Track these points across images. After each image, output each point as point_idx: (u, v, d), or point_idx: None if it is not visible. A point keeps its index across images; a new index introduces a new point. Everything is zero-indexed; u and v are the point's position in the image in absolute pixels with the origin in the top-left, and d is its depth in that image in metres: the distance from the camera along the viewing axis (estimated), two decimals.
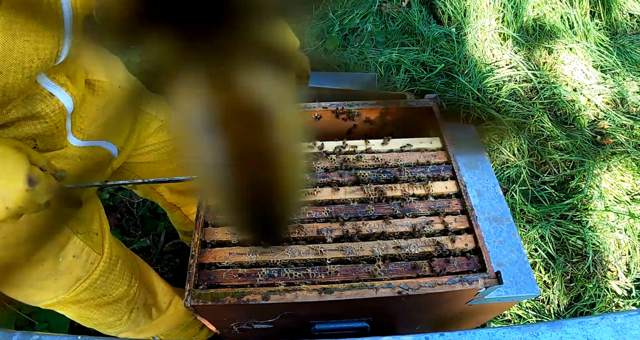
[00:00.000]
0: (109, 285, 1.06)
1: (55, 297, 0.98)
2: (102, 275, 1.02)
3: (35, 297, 0.97)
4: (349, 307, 0.92)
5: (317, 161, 1.07)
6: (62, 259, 0.93)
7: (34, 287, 0.93)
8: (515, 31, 2.91)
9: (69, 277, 0.96)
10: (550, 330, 0.77)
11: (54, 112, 0.73)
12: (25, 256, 0.87)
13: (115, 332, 1.23)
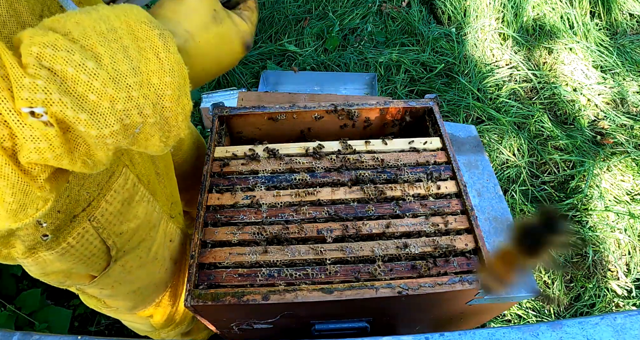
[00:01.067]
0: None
1: (165, 288, 1.01)
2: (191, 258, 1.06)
3: (154, 295, 1.00)
4: (349, 307, 0.92)
5: (317, 161, 1.07)
6: (165, 246, 0.95)
7: (151, 284, 0.95)
8: (515, 31, 2.91)
9: (172, 263, 0.99)
10: (550, 330, 0.77)
11: None
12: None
13: (176, 332, 1.25)
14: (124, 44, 0.39)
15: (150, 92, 0.41)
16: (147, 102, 0.40)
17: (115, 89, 0.38)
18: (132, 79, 0.39)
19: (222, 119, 1.16)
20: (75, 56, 0.36)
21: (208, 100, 2.31)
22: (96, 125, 0.37)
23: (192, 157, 1.23)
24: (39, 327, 1.54)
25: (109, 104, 0.38)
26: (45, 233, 0.59)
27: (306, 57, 2.68)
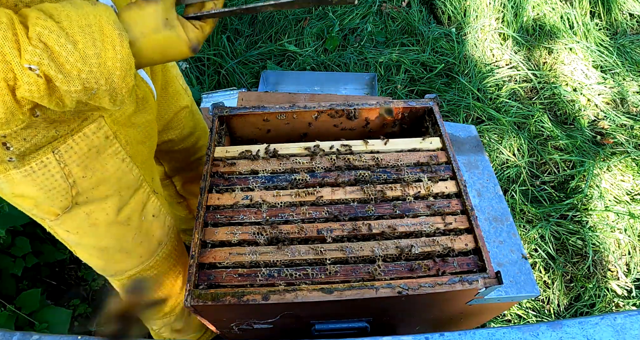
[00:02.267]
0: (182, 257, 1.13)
1: (140, 262, 1.05)
2: (179, 244, 1.10)
3: (122, 264, 1.03)
4: (349, 307, 0.92)
5: (317, 161, 1.07)
6: (144, 218, 0.99)
7: (122, 251, 0.99)
8: (515, 31, 2.92)
9: (151, 240, 1.03)
10: (550, 330, 0.77)
11: None
12: None
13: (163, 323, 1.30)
14: (94, 37, 0.59)
15: (105, 70, 0.61)
16: (102, 76, 0.61)
17: (82, 64, 0.58)
18: (95, 60, 0.59)
19: (222, 119, 1.16)
20: (61, 39, 0.56)
21: (208, 100, 2.31)
22: (67, 84, 0.58)
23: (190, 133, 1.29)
24: (39, 327, 1.54)
25: (77, 73, 0.58)
26: (11, 156, 0.73)
27: (306, 57, 2.68)
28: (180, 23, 0.70)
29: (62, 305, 1.75)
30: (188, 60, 2.64)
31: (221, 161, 1.08)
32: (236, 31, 2.81)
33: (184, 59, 0.72)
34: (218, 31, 2.73)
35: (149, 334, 1.62)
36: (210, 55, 2.62)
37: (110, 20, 0.61)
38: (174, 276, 1.15)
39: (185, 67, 2.60)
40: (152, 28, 0.67)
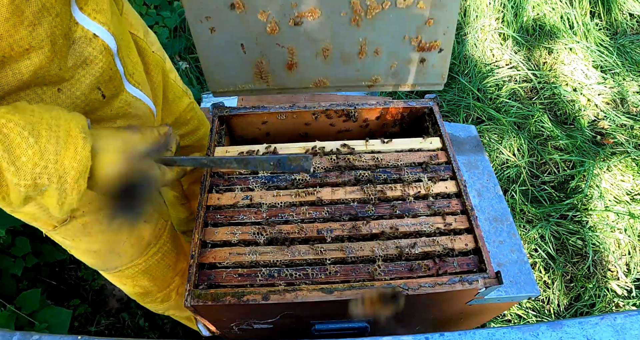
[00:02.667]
0: (171, 254, 1.16)
1: (131, 261, 1.06)
2: (167, 242, 1.12)
3: (114, 262, 1.06)
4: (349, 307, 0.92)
5: (317, 161, 1.07)
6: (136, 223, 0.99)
7: (113, 252, 1.01)
8: (515, 31, 2.92)
9: (141, 242, 1.05)
10: (550, 330, 0.77)
11: (101, 54, 0.74)
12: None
13: (165, 308, 1.33)
14: (59, 135, 0.59)
15: (61, 167, 0.60)
16: (56, 174, 0.59)
17: (39, 158, 0.57)
18: (53, 156, 0.58)
19: (222, 119, 1.16)
20: (25, 132, 0.56)
21: (208, 100, 2.31)
22: (17, 176, 0.56)
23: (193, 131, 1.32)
24: (39, 327, 1.54)
25: (32, 166, 0.57)
26: None
27: None
28: (147, 160, 0.72)
29: (62, 305, 1.75)
30: (188, 59, 2.64)
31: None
32: None
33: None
34: None
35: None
36: None
37: (79, 125, 0.62)
38: (162, 269, 1.18)
39: (185, 67, 2.60)
40: (119, 147, 0.68)
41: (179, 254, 1.20)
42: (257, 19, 0.91)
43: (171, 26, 2.68)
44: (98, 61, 0.74)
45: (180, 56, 2.66)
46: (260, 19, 0.91)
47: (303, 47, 0.95)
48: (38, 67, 0.64)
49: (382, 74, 0.97)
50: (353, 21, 0.90)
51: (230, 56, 1.00)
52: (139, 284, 1.15)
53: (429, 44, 0.93)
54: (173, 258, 1.17)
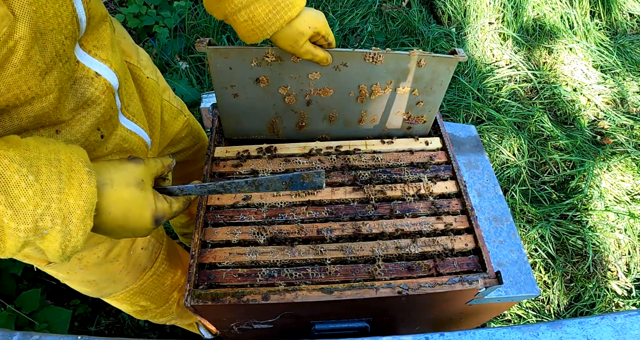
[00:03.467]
0: (169, 273, 1.14)
1: (125, 287, 1.04)
2: (162, 264, 1.09)
3: (109, 289, 1.03)
4: (349, 307, 0.92)
5: (318, 161, 1.07)
6: (132, 252, 0.98)
7: (109, 280, 0.99)
8: (515, 31, 2.92)
9: (137, 268, 1.02)
10: (550, 330, 0.77)
11: (104, 93, 0.69)
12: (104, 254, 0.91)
13: (167, 320, 1.31)
14: (61, 170, 0.53)
15: (65, 207, 0.53)
16: (60, 214, 0.53)
17: (41, 198, 0.51)
18: (56, 195, 0.52)
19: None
20: (23, 169, 0.49)
21: (208, 100, 2.31)
22: (16, 221, 0.49)
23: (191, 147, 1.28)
24: (39, 327, 1.54)
25: (33, 208, 0.50)
26: None
27: None
28: (153, 192, 0.67)
29: (62, 305, 1.75)
30: (188, 59, 2.64)
31: (221, 161, 1.08)
32: None
33: (143, 234, 0.69)
34: (218, 31, 2.73)
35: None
36: None
37: (82, 158, 0.57)
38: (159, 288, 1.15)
39: (185, 67, 2.60)
40: (123, 180, 0.62)
41: (177, 269, 1.18)
42: (277, 92, 1.04)
43: (171, 26, 2.68)
44: (100, 101, 0.69)
45: (180, 56, 2.66)
46: (280, 92, 1.04)
47: (313, 114, 1.11)
48: (40, 114, 0.59)
49: (374, 133, 1.18)
50: (358, 99, 1.07)
51: (248, 115, 1.11)
52: (135, 303, 1.13)
53: (416, 118, 1.14)
54: (169, 276, 1.15)
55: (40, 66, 0.55)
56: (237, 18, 0.81)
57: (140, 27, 2.66)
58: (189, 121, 1.21)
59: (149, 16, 2.65)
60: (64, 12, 0.57)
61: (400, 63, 0.98)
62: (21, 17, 0.50)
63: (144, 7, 2.67)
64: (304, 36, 0.85)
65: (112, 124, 0.76)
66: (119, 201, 0.62)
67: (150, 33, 2.73)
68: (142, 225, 0.66)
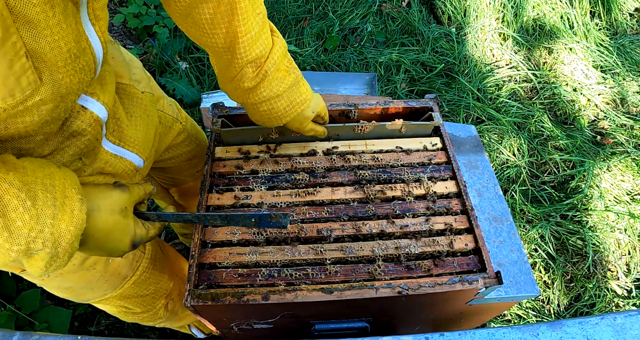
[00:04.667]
0: (151, 280, 1.12)
1: (103, 295, 1.03)
2: (144, 272, 1.08)
3: (86, 296, 1.02)
4: (349, 307, 0.92)
5: (317, 161, 1.07)
6: (111, 261, 0.97)
7: (86, 287, 0.98)
8: (515, 31, 2.92)
9: (117, 277, 1.01)
10: (550, 330, 0.77)
11: (90, 126, 0.71)
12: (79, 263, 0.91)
13: (156, 323, 1.30)
14: (55, 196, 0.57)
15: (57, 232, 0.57)
16: (51, 238, 0.56)
17: (36, 223, 0.54)
18: (50, 220, 0.56)
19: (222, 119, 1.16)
20: (22, 194, 0.53)
21: (208, 100, 2.32)
22: (10, 242, 0.52)
23: (187, 152, 1.25)
24: (39, 327, 1.54)
25: (27, 231, 0.53)
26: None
27: (306, 57, 2.68)
28: (134, 218, 0.73)
29: (62, 305, 1.75)
30: (188, 59, 2.64)
31: (221, 161, 1.08)
32: None
33: (118, 256, 0.74)
34: None
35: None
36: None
37: (74, 183, 0.61)
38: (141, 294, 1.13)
39: (185, 67, 2.60)
40: (109, 207, 0.67)
41: (162, 276, 1.16)
42: None
43: (171, 26, 2.68)
44: (86, 134, 0.71)
45: (180, 56, 2.66)
46: None
47: None
48: (25, 148, 0.61)
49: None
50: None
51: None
52: (119, 306, 1.11)
53: None
54: (152, 284, 1.13)
55: (47, 119, 0.58)
56: (259, 107, 0.91)
57: (140, 27, 2.66)
58: (185, 127, 1.19)
59: (149, 16, 2.65)
60: (86, 78, 0.62)
61: (385, 130, 1.13)
62: (47, 83, 0.54)
63: (144, 7, 2.67)
64: (308, 119, 0.98)
65: (94, 152, 0.78)
66: (103, 227, 0.66)
67: (150, 33, 2.73)
68: (120, 249, 0.71)
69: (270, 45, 0.86)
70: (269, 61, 0.85)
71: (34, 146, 0.63)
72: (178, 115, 1.17)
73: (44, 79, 0.53)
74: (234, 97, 0.93)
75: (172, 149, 1.19)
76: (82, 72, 0.60)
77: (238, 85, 0.88)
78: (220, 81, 0.93)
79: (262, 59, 0.85)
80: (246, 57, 0.82)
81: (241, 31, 0.79)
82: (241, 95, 0.91)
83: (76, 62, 0.58)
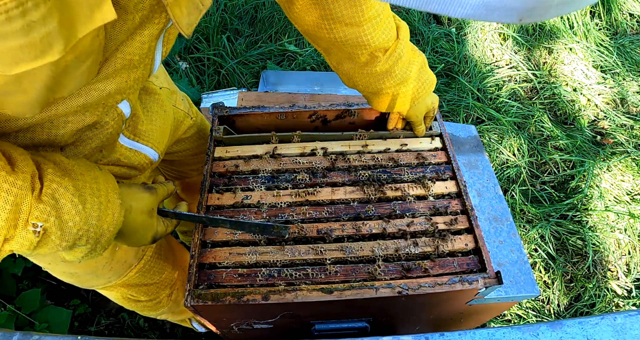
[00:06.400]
0: (156, 270, 1.14)
1: (108, 282, 1.06)
2: (149, 261, 1.10)
3: (91, 283, 1.05)
4: (349, 307, 0.92)
5: (317, 161, 1.07)
6: (118, 248, 1.00)
7: (91, 274, 1.01)
8: (515, 31, 2.92)
9: (122, 265, 1.04)
10: (550, 330, 0.77)
11: (114, 120, 0.73)
12: None
13: (157, 314, 1.31)
14: (100, 200, 0.64)
15: (100, 231, 0.64)
16: (94, 237, 0.64)
17: (84, 224, 0.61)
18: (95, 222, 0.63)
19: (222, 119, 1.16)
20: (75, 198, 0.59)
21: (208, 100, 2.31)
22: (61, 238, 0.59)
23: (195, 146, 1.27)
24: (39, 327, 1.54)
25: (76, 231, 0.60)
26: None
27: (306, 57, 2.68)
28: (157, 218, 0.81)
29: (62, 305, 1.75)
30: (188, 59, 2.64)
31: (221, 161, 1.08)
32: (236, 31, 2.81)
33: (140, 245, 0.82)
34: (218, 31, 2.73)
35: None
36: (210, 55, 2.62)
37: (115, 188, 0.68)
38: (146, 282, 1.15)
39: (185, 67, 2.60)
40: (140, 208, 0.75)
41: (167, 266, 1.17)
42: None
43: None
44: (109, 127, 0.74)
45: (180, 56, 2.66)
46: None
47: None
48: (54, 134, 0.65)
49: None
50: None
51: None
52: (123, 293, 1.13)
53: None
54: (157, 273, 1.15)
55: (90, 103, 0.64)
56: (394, 91, 0.94)
57: None
58: (195, 122, 1.21)
59: None
60: (135, 86, 0.68)
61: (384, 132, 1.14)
62: (101, 79, 0.61)
63: None
64: (427, 109, 1.03)
65: (113, 146, 0.81)
66: (132, 225, 0.74)
67: None
68: (141, 243, 0.79)
69: (396, 27, 0.89)
70: (400, 43, 0.88)
71: (63, 133, 0.66)
72: (189, 110, 1.19)
73: (100, 75, 0.59)
74: (362, 85, 0.94)
75: (180, 142, 1.21)
76: (135, 81, 0.66)
77: (370, 70, 0.90)
78: (347, 75, 0.96)
79: (391, 42, 0.88)
80: (376, 43, 0.86)
81: (369, 16, 0.82)
82: (374, 82, 0.92)
83: (133, 71, 0.64)
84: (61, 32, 0.42)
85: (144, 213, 0.76)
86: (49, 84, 0.50)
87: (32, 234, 0.55)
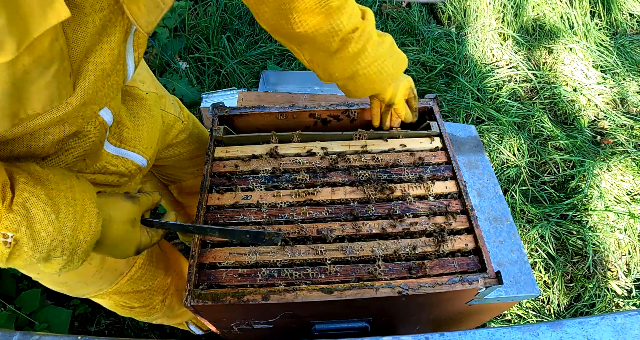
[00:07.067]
0: (147, 276, 1.13)
1: (99, 290, 1.04)
2: (141, 268, 1.09)
3: (82, 291, 1.03)
4: (349, 307, 0.92)
5: (317, 161, 1.07)
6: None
7: (81, 282, 0.99)
8: (515, 31, 2.92)
9: (113, 273, 1.02)
10: (550, 330, 0.77)
11: (96, 128, 0.72)
12: None
13: (152, 319, 1.30)
14: (77, 210, 0.62)
15: (75, 242, 0.62)
16: (69, 247, 0.61)
17: (58, 234, 0.58)
18: (70, 232, 0.60)
19: (222, 119, 1.16)
20: (47, 208, 0.57)
21: (208, 100, 2.31)
22: (33, 249, 0.56)
23: (189, 151, 1.25)
24: (39, 327, 1.54)
25: (50, 241, 0.58)
26: None
27: None
28: (141, 227, 0.78)
29: (62, 305, 1.75)
30: (188, 59, 2.64)
31: (221, 161, 1.08)
32: (236, 31, 2.81)
33: (124, 256, 0.78)
34: (218, 31, 2.73)
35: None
36: (210, 55, 2.62)
37: (93, 197, 0.65)
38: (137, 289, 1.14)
39: (185, 67, 2.60)
40: (121, 218, 0.72)
41: (159, 273, 1.16)
42: None
43: (171, 26, 2.68)
44: (91, 136, 0.72)
45: (180, 56, 2.66)
46: None
47: None
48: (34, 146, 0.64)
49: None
50: None
51: None
52: (116, 301, 1.12)
53: None
54: (149, 280, 1.13)
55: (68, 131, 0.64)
56: (369, 70, 0.94)
57: None
58: (186, 126, 1.19)
59: None
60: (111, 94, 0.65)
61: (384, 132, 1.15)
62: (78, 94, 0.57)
63: None
64: (405, 88, 1.05)
65: (97, 154, 0.80)
66: (113, 235, 0.71)
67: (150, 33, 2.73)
68: (125, 254, 0.76)
69: (361, 13, 0.92)
70: (368, 25, 0.91)
71: (43, 145, 0.65)
72: (180, 114, 1.17)
73: (75, 90, 0.57)
74: (338, 72, 0.95)
75: (172, 147, 1.19)
76: (110, 89, 0.64)
77: (344, 55, 0.91)
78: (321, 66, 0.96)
79: (359, 23, 0.90)
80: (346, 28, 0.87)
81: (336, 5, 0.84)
82: (349, 65, 0.93)
83: (106, 80, 0.62)
84: (11, 31, 0.41)
85: (126, 223, 0.73)
86: (10, 91, 0.47)
87: (2, 245, 0.53)
